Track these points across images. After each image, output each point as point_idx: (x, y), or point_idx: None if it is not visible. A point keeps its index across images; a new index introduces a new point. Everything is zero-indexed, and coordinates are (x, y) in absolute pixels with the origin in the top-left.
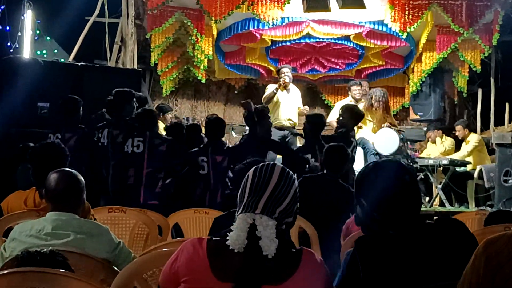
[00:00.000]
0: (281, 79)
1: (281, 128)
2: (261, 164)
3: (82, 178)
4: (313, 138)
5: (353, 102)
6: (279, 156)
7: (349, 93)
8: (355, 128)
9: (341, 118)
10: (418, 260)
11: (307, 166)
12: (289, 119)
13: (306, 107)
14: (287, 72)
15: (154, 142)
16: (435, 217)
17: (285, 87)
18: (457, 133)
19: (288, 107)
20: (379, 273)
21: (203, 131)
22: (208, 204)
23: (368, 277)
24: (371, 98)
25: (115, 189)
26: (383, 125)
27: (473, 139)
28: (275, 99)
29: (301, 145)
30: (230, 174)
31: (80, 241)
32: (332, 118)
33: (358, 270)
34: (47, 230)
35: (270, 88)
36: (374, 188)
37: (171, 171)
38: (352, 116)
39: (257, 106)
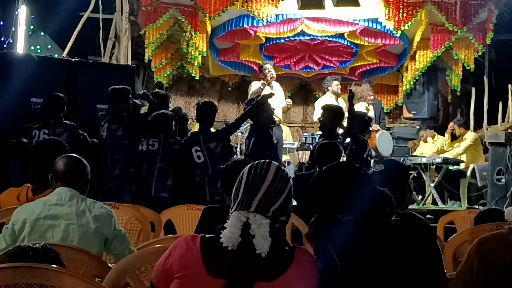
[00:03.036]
0: (269, 74)
1: None
2: (257, 161)
3: (87, 164)
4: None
5: (333, 98)
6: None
7: (329, 88)
8: None
9: (350, 127)
10: (387, 255)
11: None
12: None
13: (289, 100)
14: (271, 68)
15: (168, 141)
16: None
17: (269, 83)
18: (453, 132)
19: (273, 103)
20: (355, 270)
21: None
22: (209, 193)
23: (345, 274)
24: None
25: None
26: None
27: (470, 137)
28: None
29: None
30: None
31: (82, 212)
32: (317, 116)
33: (337, 268)
34: (52, 202)
35: (255, 85)
36: (331, 190)
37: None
38: (360, 122)
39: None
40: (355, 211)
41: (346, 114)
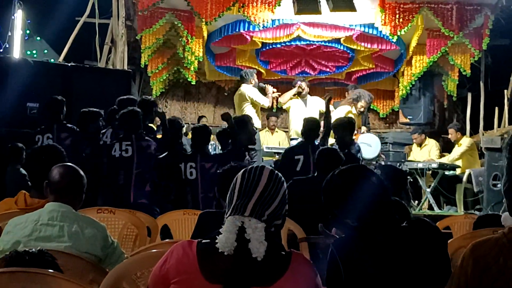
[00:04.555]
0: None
1: None
2: (250, 166)
3: (84, 175)
4: (306, 139)
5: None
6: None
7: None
8: None
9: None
10: (393, 262)
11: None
12: None
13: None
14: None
15: (141, 145)
16: (407, 220)
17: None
18: (449, 136)
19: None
20: (359, 273)
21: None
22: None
23: (349, 278)
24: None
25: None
26: (362, 129)
27: (465, 142)
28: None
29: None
30: None
31: (74, 234)
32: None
33: (340, 271)
34: (43, 221)
35: (260, 96)
36: (343, 195)
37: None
38: (346, 128)
39: (236, 116)
40: (364, 218)
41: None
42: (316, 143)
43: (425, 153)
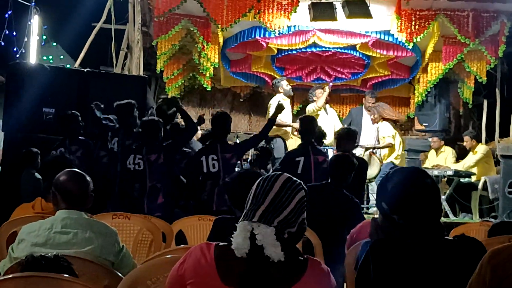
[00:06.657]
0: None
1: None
2: (268, 174)
3: (91, 180)
4: (306, 140)
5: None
6: None
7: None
8: None
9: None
10: (430, 274)
11: None
12: None
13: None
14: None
15: (150, 159)
16: (455, 236)
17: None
18: (464, 144)
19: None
20: (390, 279)
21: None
22: (216, 202)
23: (378, 281)
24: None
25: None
26: None
27: (481, 149)
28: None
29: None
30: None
31: (88, 240)
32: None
33: (370, 271)
34: (56, 229)
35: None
36: (396, 191)
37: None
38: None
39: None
40: (412, 216)
41: None
42: (315, 144)
43: (441, 161)
